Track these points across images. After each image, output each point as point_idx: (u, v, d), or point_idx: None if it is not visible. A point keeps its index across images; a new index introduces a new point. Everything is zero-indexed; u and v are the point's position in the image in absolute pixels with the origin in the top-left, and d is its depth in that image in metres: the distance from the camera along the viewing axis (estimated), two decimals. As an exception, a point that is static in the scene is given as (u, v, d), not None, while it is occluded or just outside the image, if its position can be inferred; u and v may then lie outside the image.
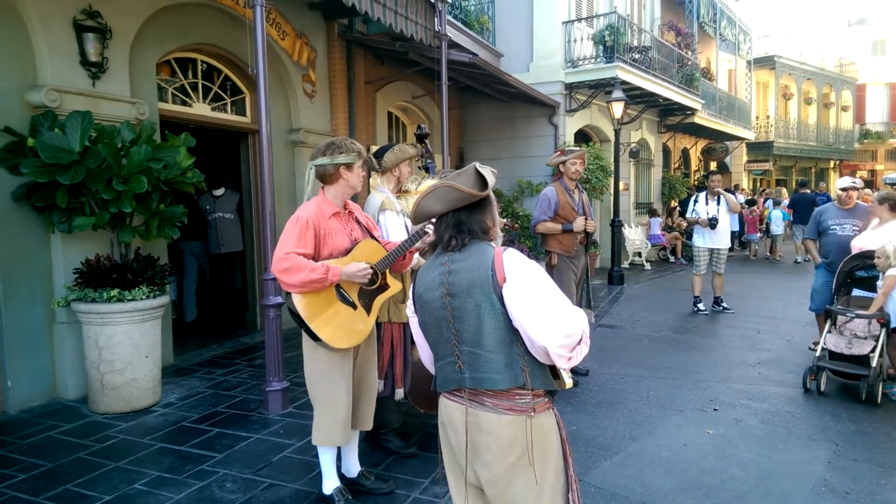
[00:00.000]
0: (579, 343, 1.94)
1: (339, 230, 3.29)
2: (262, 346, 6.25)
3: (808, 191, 17.53)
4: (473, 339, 2.02)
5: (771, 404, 5.04)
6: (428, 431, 4.35)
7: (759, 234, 16.37)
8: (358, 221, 3.44)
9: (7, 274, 4.79)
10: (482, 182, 2.08)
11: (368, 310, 3.36)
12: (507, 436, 2.00)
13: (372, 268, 3.29)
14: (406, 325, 3.99)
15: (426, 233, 3.34)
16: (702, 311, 8.66)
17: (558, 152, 5.85)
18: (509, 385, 2.00)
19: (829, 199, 13.20)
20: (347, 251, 3.27)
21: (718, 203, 8.53)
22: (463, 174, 2.10)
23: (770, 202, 16.92)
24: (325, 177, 3.28)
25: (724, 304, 8.81)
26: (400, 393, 4.03)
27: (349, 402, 3.36)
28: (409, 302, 2.27)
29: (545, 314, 1.92)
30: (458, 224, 2.10)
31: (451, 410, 2.13)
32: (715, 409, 4.93)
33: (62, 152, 4.54)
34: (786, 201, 17.17)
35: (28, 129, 4.75)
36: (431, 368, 2.30)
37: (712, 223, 8.34)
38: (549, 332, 1.90)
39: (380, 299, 3.42)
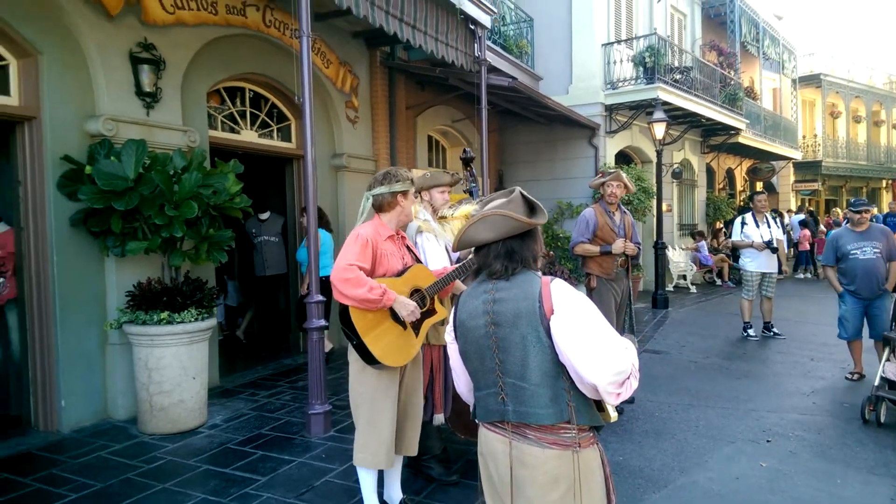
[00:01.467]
0: (628, 378, 1.88)
1: (394, 253, 3.39)
2: (304, 368, 6.29)
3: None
4: (518, 371, 1.97)
5: (827, 436, 4.86)
6: (470, 459, 4.30)
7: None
8: (409, 248, 3.55)
9: (64, 296, 4.94)
10: (530, 208, 2.06)
11: (416, 331, 3.41)
12: (552, 471, 1.95)
13: (422, 291, 3.39)
14: (446, 348, 3.97)
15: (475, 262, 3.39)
16: (752, 336, 8.43)
17: (599, 174, 5.82)
18: (555, 420, 1.95)
19: None
20: (399, 273, 3.35)
21: (769, 225, 8.34)
22: (512, 202, 2.05)
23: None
24: (383, 205, 3.40)
25: (775, 330, 8.57)
26: (440, 418, 4.00)
27: (394, 425, 3.39)
28: (449, 328, 2.23)
29: (594, 350, 1.87)
30: (509, 253, 2.05)
31: (492, 442, 2.08)
32: (768, 441, 4.77)
33: (117, 179, 4.70)
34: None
35: (86, 157, 4.93)
36: (468, 397, 2.26)
37: (771, 246, 8.15)
38: (599, 369, 1.85)
39: (427, 323, 3.48)
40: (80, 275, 5.06)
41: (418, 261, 3.54)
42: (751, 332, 8.49)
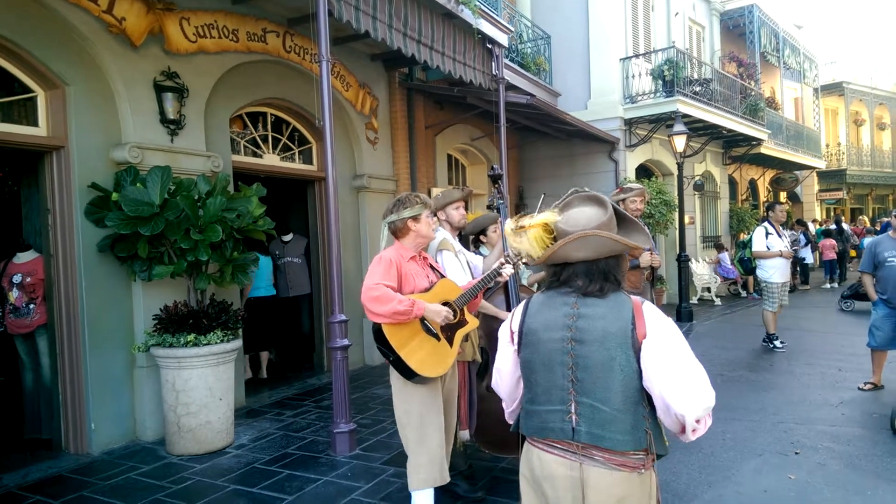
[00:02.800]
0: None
1: (418, 272, 3.49)
2: (329, 387, 6.34)
3: None
4: (599, 393, 1.87)
5: (856, 447, 4.77)
6: (495, 475, 4.30)
7: None
8: (432, 267, 3.63)
9: (92, 321, 5.05)
10: (619, 220, 2.02)
11: (451, 343, 3.48)
12: (619, 494, 1.88)
13: (451, 304, 3.46)
14: (471, 364, 3.99)
15: (499, 273, 3.46)
16: (779, 348, 8.31)
17: (618, 190, 5.80)
18: (633, 447, 1.86)
19: None
20: (427, 289, 3.44)
21: (782, 235, 8.34)
22: (611, 221, 1.97)
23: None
24: (397, 231, 3.52)
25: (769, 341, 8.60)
26: (465, 435, 4.00)
27: (442, 439, 3.44)
28: (505, 329, 2.13)
29: (689, 381, 1.80)
30: (604, 273, 1.96)
31: (550, 465, 1.94)
32: (796, 453, 4.69)
33: (143, 205, 4.81)
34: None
35: (112, 185, 5.07)
36: (509, 403, 2.19)
37: (798, 256, 8.12)
38: (691, 402, 1.78)
39: (460, 333, 3.55)
40: (108, 299, 5.17)
41: (444, 277, 3.62)
42: (777, 343, 8.37)
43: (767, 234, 8.31)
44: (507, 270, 3.54)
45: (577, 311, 1.93)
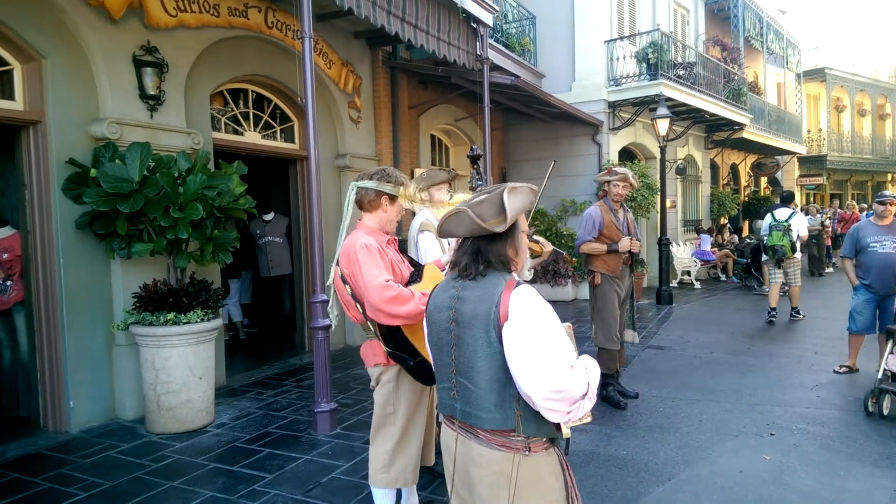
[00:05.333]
0: (582, 398, 1.84)
1: (396, 259, 3.14)
2: (310, 367, 6.33)
3: None
4: (468, 372, 1.95)
5: (831, 429, 4.87)
6: (476, 454, 4.32)
7: None
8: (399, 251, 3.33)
9: (70, 298, 4.99)
10: (503, 209, 1.96)
11: None
12: (501, 472, 1.93)
13: None
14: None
15: None
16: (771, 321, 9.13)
17: (606, 171, 5.79)
18: (499, 427, 1.92)
19: None
20: (420, 279, 3.11)
21: None
22: (486, 201, 1.95)
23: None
24: (364, 202, 3.13)
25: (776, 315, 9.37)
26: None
27: (422, 441, 3.27)
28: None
29: (536, 363, 1.80)
30: (476, 252, 1.99)
31: (447, 438, 2.09)
32: (772, 434, 4.78)
33: (122, 182, 4.74)
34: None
35: (90, 161, 4.98)
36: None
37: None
38: (536, 383, 1.80)
39: None
40: (87, 277, 5.10)
41: (413, 262, 3.35)
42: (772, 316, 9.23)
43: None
44: None
45: (459, 294, 2.00)
